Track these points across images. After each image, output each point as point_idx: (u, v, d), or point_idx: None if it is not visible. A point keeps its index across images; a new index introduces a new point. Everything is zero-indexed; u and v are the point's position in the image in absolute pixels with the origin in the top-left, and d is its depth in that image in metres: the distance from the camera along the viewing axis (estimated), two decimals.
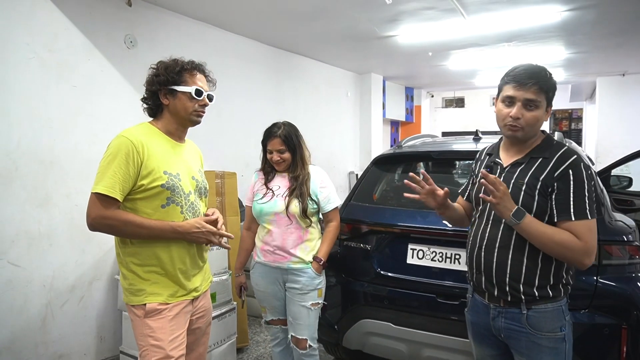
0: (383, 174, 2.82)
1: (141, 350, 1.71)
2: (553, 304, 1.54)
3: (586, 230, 1.45)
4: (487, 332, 1.67)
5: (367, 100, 7.00)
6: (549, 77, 1.54)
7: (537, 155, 1.56)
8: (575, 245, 1.45)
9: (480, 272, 1.63)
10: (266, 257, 2.28)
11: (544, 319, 1.54)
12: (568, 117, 10.66)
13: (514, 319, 1.57)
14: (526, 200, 1.52)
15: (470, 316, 1.76)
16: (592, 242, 1.46)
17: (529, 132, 1.55)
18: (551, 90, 1.53)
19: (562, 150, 1.53)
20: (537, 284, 1.53)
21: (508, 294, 1.56)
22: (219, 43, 4.25)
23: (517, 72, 1.54)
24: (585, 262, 1.47)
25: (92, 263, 3.06)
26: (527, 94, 1.50)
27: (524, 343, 1.56)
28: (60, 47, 2.87)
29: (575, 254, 1.45)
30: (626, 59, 6.10)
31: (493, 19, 4.08)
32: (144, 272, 1.70)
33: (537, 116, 1.52)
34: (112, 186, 1.59)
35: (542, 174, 1.52)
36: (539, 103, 1.51)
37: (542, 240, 1.48)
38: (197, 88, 1.74)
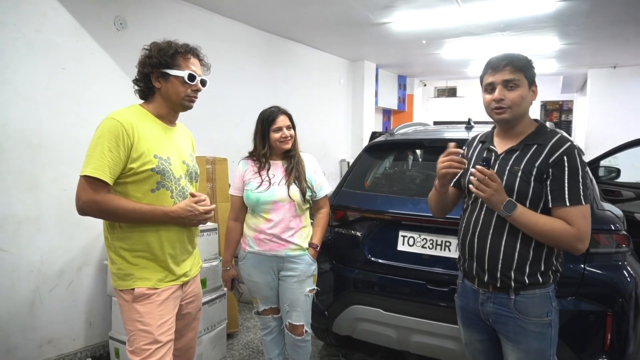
0: (375, 161, 2.83)
1: (129, 335, 1.70)
2: (541, 290, 1.57)
3: (579, 216, 1.47)
4: (476, 317, 1.70)
5: (359, 87, 6.97)
6: (522, 57, 1.57)
7: (532, 142, 1.58)
8: (567, 233, 1.47)
9: (472, 258, 1.65)
10: (261, 245, 2.25)
11: (531, 305, 1.56)
12: (559, 108, 10.72)
13: (502, 304, 1.60)
14: (522, 186, 1.54)
15: (459, 301, 1.78)
16: (585, 227, 1.48)
17: (517, 112, 1.56)
18: (527, 69, 1.55)
19: (557, 137, 1.55)
20: (528, 271, 1.56)
21: (498, 279, 1.58)
22: (210, 27, 4.18)
23: (490, 60, 1.60)
24: (579, 248, 1.49)
25: (80, 248, 3.03)
26: (504, 75, 1.54)
27: (511, 327, 1.59)
28: (48, 28, 2.80)
29: (568, 240, 1.47)
30: (618, 51, 6.13)
31: (487, 7, 4.06)
32: (132, 256, 1.68)
33: (520, 94, 1.54)
34: (101, 168, 1.55)
35: (538, 160, 1.53)
36: (517, 82, 1.53)
37: (534, 230, 1.50)
38: (190, 73, 1.70)
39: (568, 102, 10.54)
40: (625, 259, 2.09)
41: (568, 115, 10.59)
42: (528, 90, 1.56)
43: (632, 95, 7.13)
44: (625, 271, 2.05)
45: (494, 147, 1.66)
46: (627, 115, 7.04)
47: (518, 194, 1.54)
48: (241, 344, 3.30)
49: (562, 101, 10.55)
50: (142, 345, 1.65)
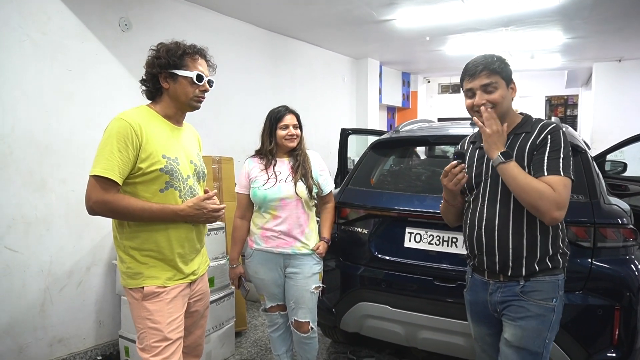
0: (380, 159, 2.83)
1: (139, 332, 1.72)
2: (551, 277, 1.61)
3: (560, 183, 1.50)
4: (485, 311, 1.72)
5: (363, 85, 6.96)
6: (496, 59, 1.63)
7: (520, 131, 1.65)
8: (549, 195, 1.49)
9: (482, 253, 1.68)
10: (268, 242, 2.27)
11: (538, 289, 1.60)
12: (564, 103, 10.66)
13: (509, 291, 1.63)
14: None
15: (469, 296, 1.81)
16: (565, 195, 1.50)
17: (500, 111, 1.62)
18: (502, 70, 1.62)
19: (543, 122, 1.64)
20: (538, 257, 1.59)
21: (510, 268, 1.62)
22: (215, 26, 4.19)
23: (467, 65, 1.67)
24: (555, 215, 1.50)
25: (89, 248, 3.06)
26: (481, 80, 1.61)
27: (513, 308, 1.62)
28: (54, 30, 2.83)
29: (548, 203, 1.49)
30: (623, 45, 6.09)
31: (491, 2, 4.05)
32: (141, 255, 1.70)
33: (500, 95, 1.61)
34: (110, 168, 1.57)
35: (528, 144, 1.60)
36: (495, 84, 1.60)
37: (521, 184, 1.52)
38: (199, 73, 1.72)
39: (573, 97, 10.48)
40: (632, 253, 2.08)
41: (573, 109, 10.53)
42: (507, 89, 1.63)
43: (637, 88, 7.07)
44: (632, 265, 2.05)
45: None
46: (633, 109, 6.99)
47: None
48: (249, 342, 3.32)
49: (567, 96, 10.50)
50: (152, 342, 1.67)
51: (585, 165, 2.20)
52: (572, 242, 2.06)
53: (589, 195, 2.11)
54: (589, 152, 2.34)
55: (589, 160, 2.24)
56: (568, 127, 2.72)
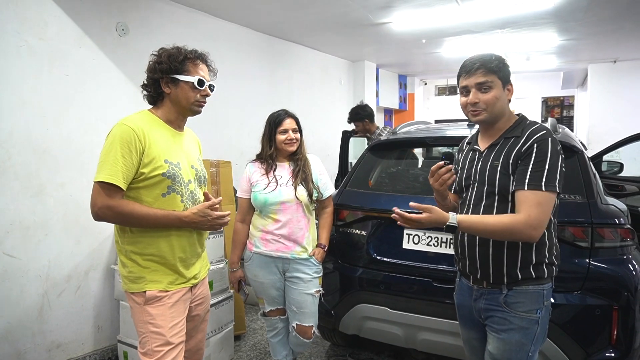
0: (378, 160, 2.84)
1: (141, 337, 1.72)
2: (535, 286, 1.56)
3: (533, 202, 1.45)
4: (471, 315, 1.72)
5: (360, 88, 6.98)
6: (494, 58, 1.59)
7: (510, 135, 1.60)
8: (517, 223, 1.45)
9: (465, 257, 1.67)
10: (268, 246, 2.27)
11: (521, 300, 1.56)
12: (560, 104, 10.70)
13: (493, 299, 1.61)
14: (503, 180, 1.55)
15: (457, 299, 1.81)
16: (535, 214, 1.45)
17: (493, 113, 1.59)
18: (500, 70, 1.57)
19: (533, 127, 1.56)
20: (519, 265, 1.55)
21: (491, 275, 1.59)
22: (212, 31, 4.21)
23: (464, 62, 1.63)
24: (532, 235, 1.46)
25: (87, 253, 3.05)
26: (477, 78, 1.57)
27: (497, 319, 1.60)
28: (51, 35, 2.83)
29: (520, 229, 1.45)
30: (618, 46, 6.13)
31: (487, 5, 4.07)
32: (143, 260, 1.70)
33: (494, 96, 1.56)
34: (114, 174, 1.58)
35: (514, 151, 1.55)
36: (490, 83, 1.56)
37: (486, 230, 1.51)
38: (200, 78, 1.73)
39: (569, 98, 10.52)
40: (630, 253, 2.10)
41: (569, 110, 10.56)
42: (502, 90, 1.58)
43: (632, 89, 7.11)
44: (630, 265, 2.06)
45: (478, 146, 1.70)
46: (628, 110, 7.03)
47: (499, 187, 1.55)
48: (248, 346, 3.32)
49: (563, 97, 10.54)
50: (155, 347, 1.67)
51: (582, 165, 2.21)
52: (569, 242, 2.07)
53: (586, 195, 2.12)
54: (585, 153, 2.36)
55: (585, 160, 2.25)
56: (564, 128, 2.73)
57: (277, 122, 2.30)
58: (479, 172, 1.63)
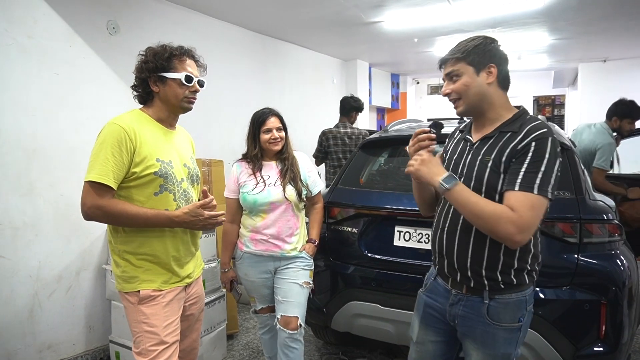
0: (370, 158, 2.85)
1: (135, 336, 1.71)
2: (517, 294, 1.47)
3: (525, 203, 1.33)
4: (440, 317, 1.61)
5: (353, 87, 6.99)
6: (465, 42, 1.50)
7: (507, 129, 1.47)
8: (508, 218, 1.32)
9: (443, 256, 1.57)
10: (257, 246, 2.27)
11: (505, 311, 1.47)
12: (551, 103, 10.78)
13: (473, 307, 1.50)
14: (492, 177, 1.43)
15: (425, 297, 1.67)
16: (528, 217, 1.32)
17: (469, 101, 1.49)
18: (469, 53, 1.47)
19: (533, 124, 1.43)
20: (500, 268, 1.45)
21: (471, 279, 1.49)
22: (203, 29, 4.19)
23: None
24: (517, 239, 1.34)
25: (78, 253, 3.03)
26: (446, 69, 1.52)
27: (479, 332, 1.50)
28: (40, 33, 2.81)
29: (506, 226, 1.32)
30: (607, 45, 6.19)
31: (478, 4, 4.09)
32: (136, 259, 1.70)
33: (462, 83, 1.47)
34: (105, 173, 1.57)
35: (508, 147, 1.42)
36: (457, 71, 1.48)
37: (473, 210, 1.38)
38: (187, 74, 1.72)
39: (560, 97, 10.60)
40: (618, 248, 2.12)
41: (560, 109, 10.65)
42: (475, 75, 1.47)
43: (622, 88, 7.13)
44: (618, 260, 2.08)
45: (470, 136, 1.58)
46: None
47: (487, 185, 1.43)
48: (241, 345, 3.31)
49: (554, 96, 10.62)
50: (149, 346, 1.67)
51: (571, 162, 2.23)
52: (558, 238, 2.09)
53: (574, 191, 2.14)
54: (574, 150, 2.38)
55: (574, 157, 2.27)
56: (554, 126, 2.76)
57: (261, 121, 2.27)
58: (467, 166, 1.51)
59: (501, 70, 1.49)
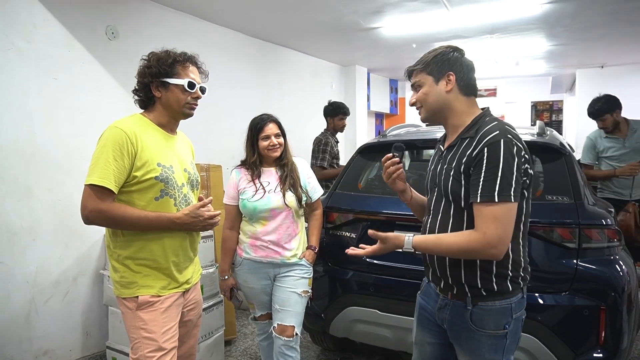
0: (368, 163, 2.84)
1: (133, 342, 1.70)
2: (501, 302, 1.46)
3: (487, 217, 1.34)
4: (432, 319, 1.65)
5: (351, 92, 7.01)
6: (425, 56, 1.57)
7: (466, 135, 1.48)
8: (473, 243, 1.36)
9: (427, 264, 1.62)
10: (257, 252, 2.25)
11: (488, 317, 1.48)
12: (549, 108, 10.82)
13: (458, 312, 1.52)
14: (454, 186, 1.46)
15: (421, 300, 1.73)
16: (492, 230, 1.33)
17: (428, 109, 1.55)
18: (427, 64, 1.53)
19: (486, 128, 1.43)
20: (479, 274, 1.46)
21: (453, 286, 1.52)
22: (202, 35, 4.21)
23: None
24: (491, 253, 1.36)
25: (76, 258, 3.02)
26: (411, 81, 1.60)
27: (464, 338, 1.53)
28: (40, 38, 2.81)
29: (478, 250, 1.36)
30: (605, 51, 6.22)
31: (476, 10, 4.12)
32: (135, 264, 1.69)
33: (423, 92, 1.54)
34: (106, 177, 1.57)
35: (465, 155, 1.44)
36: (418, 82, 1.56)
37: (442, 251, 1.45)
38: (190, 81, 1.73)
39: (558, 102, 10.64)
40: (617, 254, 2.12)
41: (558, 115, 10.69)
42: (434, 84, 1.52)
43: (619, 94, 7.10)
44: (617, 265, 2.08)
45: (442, 145, 1.63)
46: None
47: (452, 194, 1.46)
48: (239, 351, 3.29)
49: (552, 101, 10.66)
50: (147, 352, 1.66)
51: (569, 167, 2.23)
52: (557, 243, 2.09)
53: (573, 196, 2.14)
54: (573, 155, 2.38)
55: (573, 162, 2.27)
56: (552, 130, 2.77)
57: (259, 128, 2.26)
58: (437, 175, 1.56)
59: (461, 77, 1.51)
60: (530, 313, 2.04)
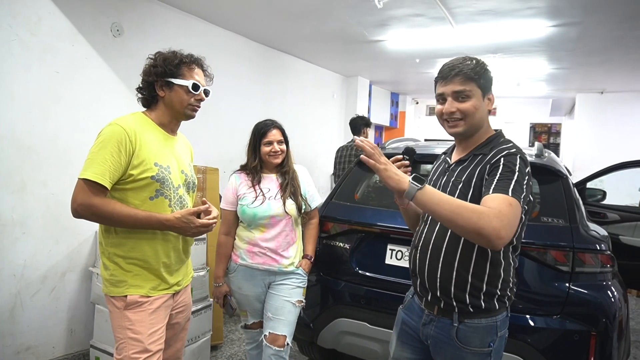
0: (365, 174, 2.84)
1: (118, 342, 1.67)
2: (487, 320, 1.46)
3: (502, 200, 1.29)
4: (415, 335, 1.62)
5: (352, 103, 7.03)
6: (475, 63, 1.45)
7: (479, 152, 1.48)
8: (488, 211, 1.26)
9: (416, 275, 1.58)
10: (254, 259, 2.22)
11: (474, 334, 1.47)
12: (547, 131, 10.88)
13: (443, 329, 1.51)
14: (460, 198, 1.42)
15: (403, 314, 1.70)
16: (507, 212, 1.27)
17: (471, 124, 1.46)
18: (480, 76, 1.44)
19: (503, 146, 1.44)
20: (468, 290, 1.45)
21: (441, 300, 1.50)
22: (207, 37, 4.22)
23: (442, 67, 1.50)
24: (502, 234, 1.24)
25: (65, 254, 2.99)
26: (454, 86, 1.44)
27: (448, 354, 1.51)
28: (44, 31, 2.81)
29: (490, 219, 1.24)
30: (605, 77, 6.28)
31: (481, 29, 4.15)
32: (126, 263, 1.67)
33: (473, 105, 1.44)
34: (102, 173, 1.56)
35: (478, 169, 1.43)
36: (469, 92, 1.43)
37: (451, 206, 1.29)
38: (195, 82, 1.73)
39: (556, 125, 10.71)
40: (609, 280, 2.11)
41: (556, 137, 10.75)
42: (482, 100, 1.45)
43: (618, 120, 7.28)
44: (609, 291, 2.07)
45: (450, 158, 1.60)
46: (614, 140, 7.18)
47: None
48: (225, 356, 3.25)
49: (550, 124, 10.73)
50: (132, 353, 1.63)
51: (565, 190, 2.23)
52: (550, 265, 2.08)
53: (568, 219, 2.14)
54: (570, 178, 2.39)
55: (569, 185, 2.28)
56: (550, 153, 2.77)
57: (262, 133, 2.25)
58: (442, 187, 1.52)
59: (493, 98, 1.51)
60: (520, 335, 2.05)
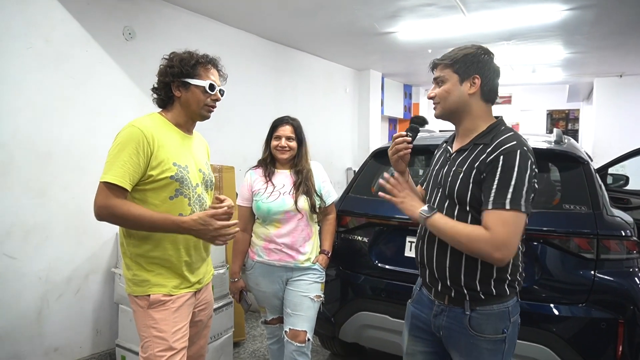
0: (381, 167, 2.82)
1: (143, 341, 1.70)
2: (499, 305, 1.48)
3: (498, 221, 1.35)
4: (426, 328, 1.62)
5: (365, 96, 7.00)
6: (455, 52, 1.52)
7: (480, 141, 1.49)
8: (481, 237, 1.36)
9: (424, 266, 1.59)
10: (271, 255, 2.23)
11: (487, 322, 1.47)
12: (565, 117, 10.69)
13: (455, 318, 1.51)
14: (461, 188, 1.46)
15: (412, 308, 1.70)
16: (502, 234, 1.34)
17: (444, 106, 1.54)
18: (456, 62, 1.50)
19: (504, 137, 1.45)
20: (478, 277, 1.46)
21: (451, 289, 1.51)
22: (218, 36, 4.23)
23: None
24: (495, 256, 1.36)
25: (88, 256, 3.04)
26: (435, 73, 1.57)
27: (463, 344, 1.51)
28: (58, 38, 2.85)
29: (482, 246, 1.35)
30: (624, 60, 6.12)
31: (493, 16, 4.08)
32: (148, 263, 1.69)
33: (445, 89, 1.52)
34: (121, 175, 1.57)
35: (478, 160, 1.45)
36: (444, 77, 1.52)
37: (451, 234, 1.42)
38: (211, 82, 1.74)
39: (574, 111, 10.51)
40: (636, 266, 2.06)
41: (574, 124, 10.55)
42: (458, 84, 1.50)
43: (638, 104, 7.09)
44: (636, 278, 2.03)
45: (451, 147, 1.62)
46: (634, 124, 7.01)
47: (457, 196, 1.47)
48: (247, 353, 3.28)
49: (568, 110, 10.53)
50: (157, 352, 1.65)
51: (587, 176, 2.19)
52: (574, 253, 2.04)
53: (591, 206, 2.10)
54: (591, 164, 2.33)
55: (591, 171, 2.23)
56: (570, 139, 2.71)
57: (274, 126, 2.30)
58: (443, 176, 1.55)
59: (486, 82, 1.50)
60: (545, 324, 2.02)
